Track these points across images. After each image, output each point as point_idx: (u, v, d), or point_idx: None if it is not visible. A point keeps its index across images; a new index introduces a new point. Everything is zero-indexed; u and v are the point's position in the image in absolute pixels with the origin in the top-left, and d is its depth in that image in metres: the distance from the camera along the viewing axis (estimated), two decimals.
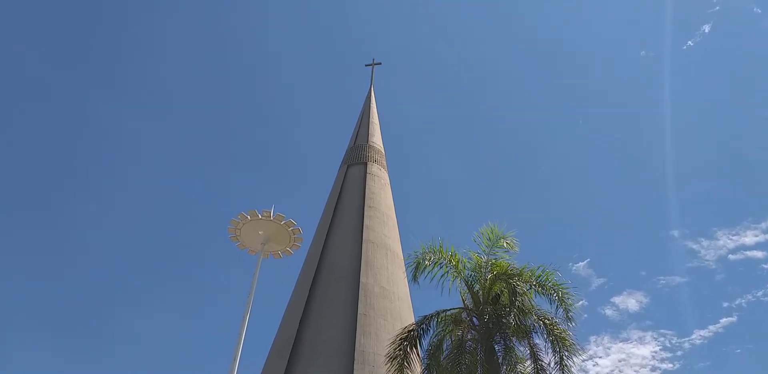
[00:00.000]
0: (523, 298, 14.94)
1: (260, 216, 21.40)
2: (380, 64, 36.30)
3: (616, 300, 69.26)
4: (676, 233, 67.68)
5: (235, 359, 19.14)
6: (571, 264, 65.55)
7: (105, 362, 58.56)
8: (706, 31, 73.79)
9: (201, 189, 75.54)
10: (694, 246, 65.62)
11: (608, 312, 66.55)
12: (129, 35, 76.40)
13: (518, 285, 14.97)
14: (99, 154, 72.38)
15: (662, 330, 66.73)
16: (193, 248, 72.52)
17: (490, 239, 16.67)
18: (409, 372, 15.06)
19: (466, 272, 16.25)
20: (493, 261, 16.36)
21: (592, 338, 63.21)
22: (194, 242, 72.23)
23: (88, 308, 63.90)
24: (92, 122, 72.31)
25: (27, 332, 55.44)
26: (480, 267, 16.24)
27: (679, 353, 61.90)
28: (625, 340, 64.59)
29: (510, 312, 14.53)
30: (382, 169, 31.18)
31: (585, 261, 70.37)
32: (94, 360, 58.94)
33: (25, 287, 61.09)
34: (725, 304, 65.43)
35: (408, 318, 23.62)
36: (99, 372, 58.73)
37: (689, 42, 74.42)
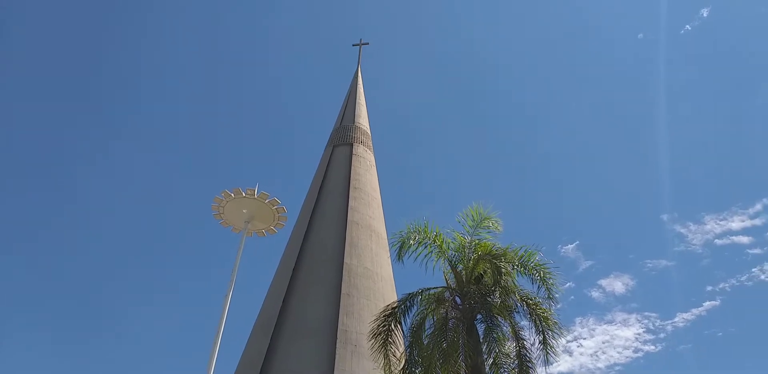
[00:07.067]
0: (507, 278, 14.97)
1: (244, 195, 21.25)
2: (368, 44, 36.02)
3: (603, 282, 70.23)
4: (665, 217, 68.50)
5: (217, 337, 19.12)
6: (560, 246, 66.27)
7: (84, 337, 58.42)
8: (705, 15, 73.98)
9: (185, 167, 74.98)
10: (683, 231, 66.49)
11: (595, 294, 67.53)
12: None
13: (502, 265, 14.98)
14: (83, 145, 71.48)
15: (646, 313, 67.94)
16: (176, 225, 72.22)
17: (474, 220, 16.61)
18: (393, 348, 15.11)
19: (450, 252, 16.22)
20: (477, 241, 16.34)
21: (578, 319, 64.16)
22: (177, 219, 71.87)
23: (73, 287, 63.49)
24: (72, 110, 71.16)
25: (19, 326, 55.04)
26: (464, 247, 16.23)
27: (661, 335, 63.07)
28: (610, 322, 65.69)
29: (494, 291, 14.56)
30: (368, 150, 31.05)
31: (574, 244, 71.00)
32: (79, 338, 58.73)
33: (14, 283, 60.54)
34: (709, 288, 66.54)
35: (391, 298, 23.68)
36: (81, 348, 58.56)
37: (687, 26, 74.61)
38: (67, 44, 73.00)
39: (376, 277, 24.77)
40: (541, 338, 14.36)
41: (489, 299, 14.70)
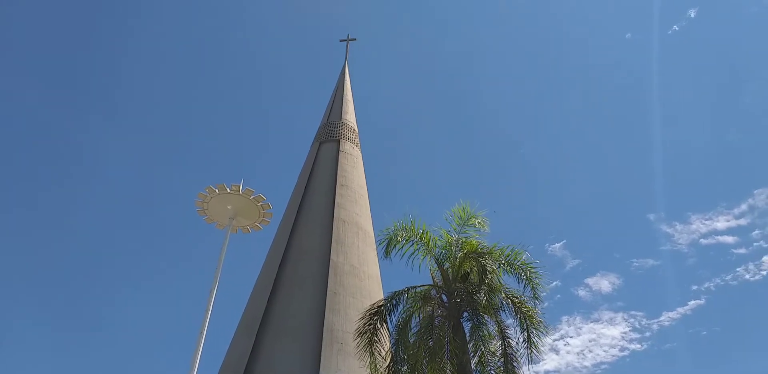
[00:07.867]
0: (492, 276, 14.92)
1: (229, 191, 21.02)
2: (355, 39, 35.86)
3: (590, 281, 70.74)
4: (652, 217, 69.02)
5: (201, 334, 18.92)
6: (547, 244, 66.52)
7: (65, 336, 57.81)
8: (692, 15, 74.47)
9: (169, 163, 74.38)
10: (669, 230, 66.96)
11: (581, 292, 67.91)
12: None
13: (487, 264, 14.94)
14: (67, 140, 70.64)
15: (632, 312, 68.56)
16: (160, 222, 71.62)
17: (461, 218, 16.56)
18: (378, 347, 15.01)
19: (437, 250, 16.18)
20: (464, 239, 16.30)
21: (564, 318, 64.39)
22: (161, 216, 71.28)
23: (54, 284, 62.77)
24: (54, 100, 70.29)
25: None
26: (450, 245, 16.18)
27: (647, 334, 63.52)
28: (596, 321, 66.02)
29: (480, 289, 14.52)
30: (354, 146, 30.88)
31: (561, 243, 71.26)
32: (59, 337, 58.10)
33: None
34: (694, 287, 67.01)
35: (377, 296, 23.55)
36: (62, 346, 57.95)
37: (675, 26, 75.05)
38: (47, 37, 72.08)
39: (362, 275, 24.65)
40: (526, 336, 14.33)
41: (475, 297, 14.65)
